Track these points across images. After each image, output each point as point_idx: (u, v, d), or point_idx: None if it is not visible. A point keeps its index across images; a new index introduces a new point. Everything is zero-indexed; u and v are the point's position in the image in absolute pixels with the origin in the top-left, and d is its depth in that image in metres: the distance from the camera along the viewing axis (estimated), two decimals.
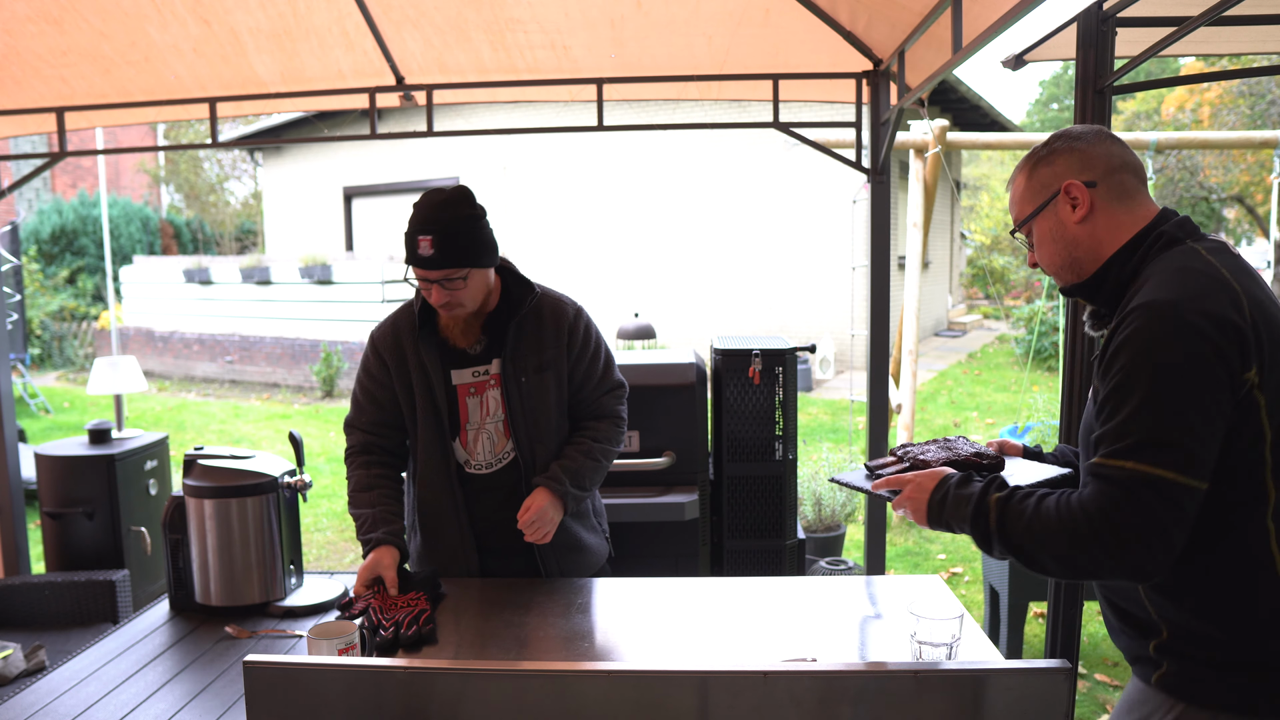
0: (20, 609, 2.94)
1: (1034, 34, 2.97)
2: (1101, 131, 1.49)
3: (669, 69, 3.55)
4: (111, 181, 19.38)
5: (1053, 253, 1.50)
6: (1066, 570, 1.32)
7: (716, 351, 3.34)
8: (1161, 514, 1.23)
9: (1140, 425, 1.25)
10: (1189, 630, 1.33)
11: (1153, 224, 1.43)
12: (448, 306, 2.01)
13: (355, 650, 1.61)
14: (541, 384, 2.13)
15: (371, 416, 2.18)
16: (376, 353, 2.15)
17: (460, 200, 1.98)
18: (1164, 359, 1.25)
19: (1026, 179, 1.51)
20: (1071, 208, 1.45)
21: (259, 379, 12.20)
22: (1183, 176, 17.00)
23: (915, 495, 1.48)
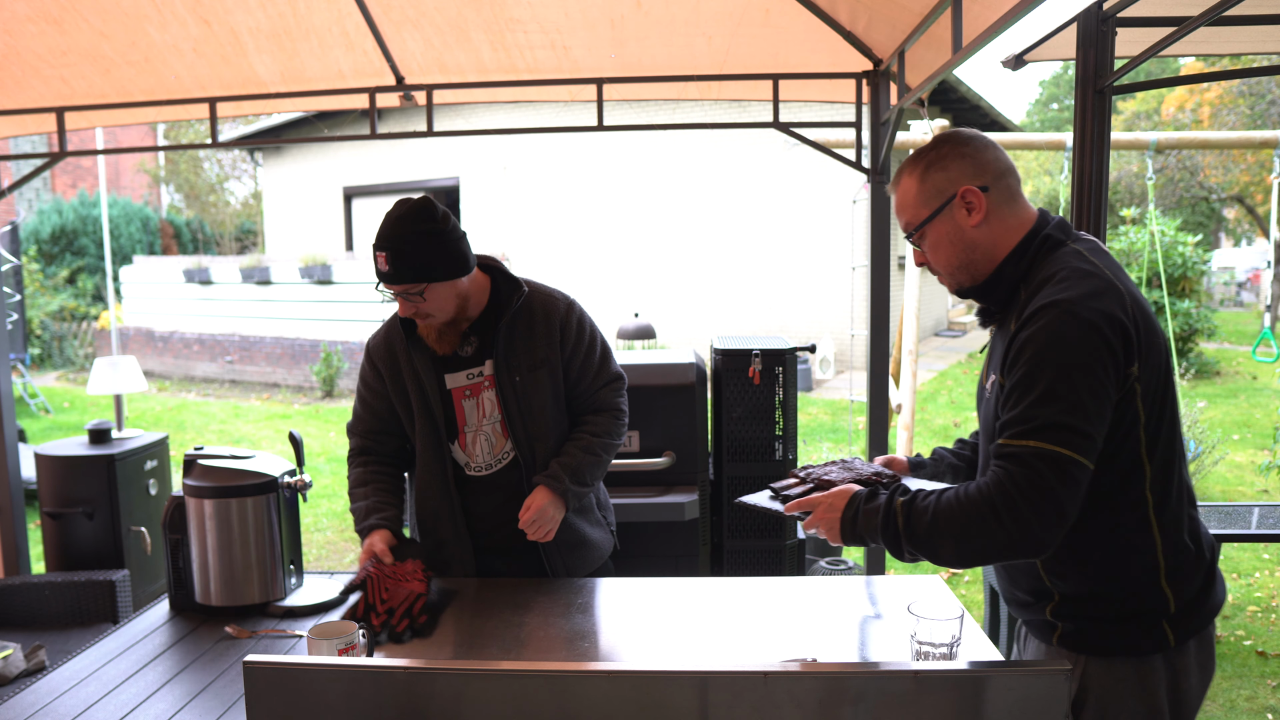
0: (20, 609, 2.94)
1: (1034, 34, 2.97)
2: (985, 137, 1.58)
3: (669, 69, 3.55)
4: (111, 181, 19.39)
5: (949, 255, 1.58)
6: (970, 553, 1.44)
7: (716, 351, 3.34)
8: (1057, 486, 1.37)
9: (1042, 410, 1.38)
10: (1080, 592, 1.50)
11: (1037, 226, 1.55)
12: (417, 316, 2.02)
13: (355, 650, 1.61)
14: (536, 381, 2.12)
15: (368, 425, 2.20)
16: (371, 362, 2.17)
17: (418, 214, 1.95)
18: (1065, 354, 1.38)
19: (919, 184, 1.57)
20: (968, 211, 1.54)
21: (259, 379, 12.20)
22: (1183, 176, 16.99)
23: (828, 515, 1.56)
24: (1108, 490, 1.45)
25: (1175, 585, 1.47)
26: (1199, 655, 1.51)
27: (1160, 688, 1.48)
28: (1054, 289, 1.43)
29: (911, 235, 1.60)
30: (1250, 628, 4.03)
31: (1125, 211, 11.72)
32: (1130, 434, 1.44)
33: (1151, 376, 1.43)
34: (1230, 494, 6.16)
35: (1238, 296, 21.59)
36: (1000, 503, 1.38)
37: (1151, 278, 10.45)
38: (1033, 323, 1.42)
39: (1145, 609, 1.48)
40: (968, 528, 1.42)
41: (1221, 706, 3.32)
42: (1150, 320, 1.44)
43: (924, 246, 1.60)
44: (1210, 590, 1.52)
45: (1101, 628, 1.49)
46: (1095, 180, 2.44)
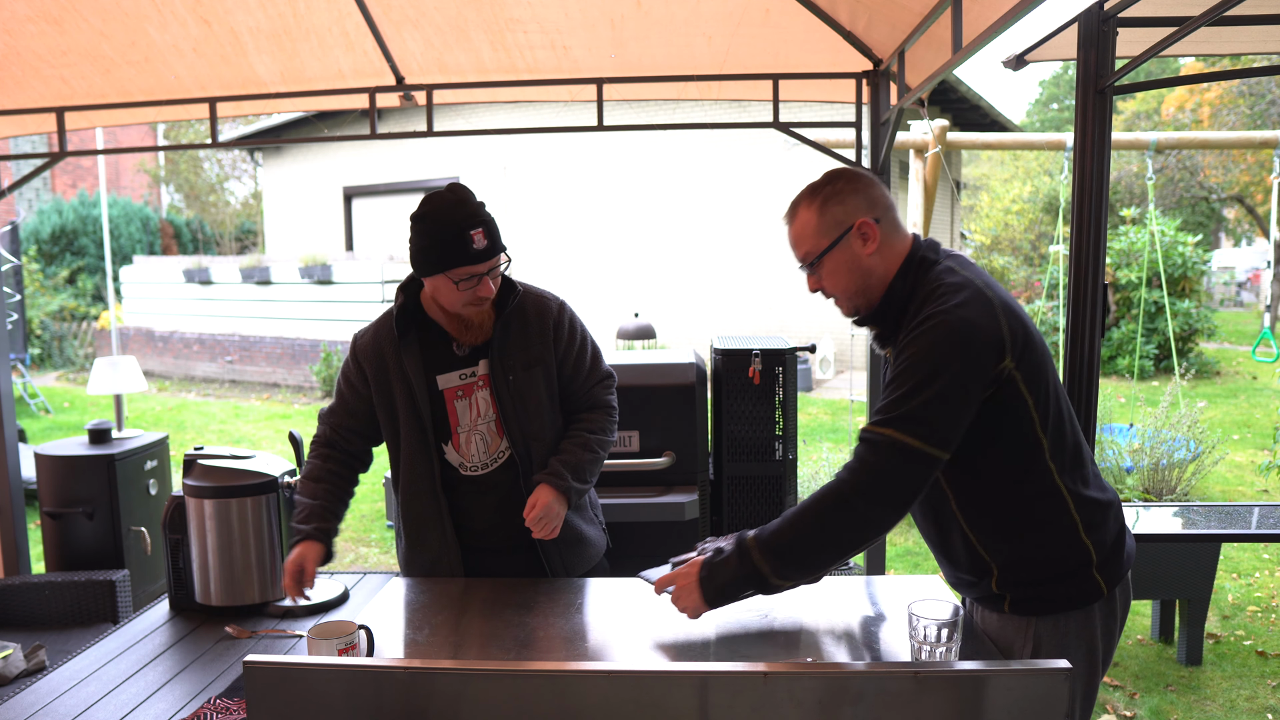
0: (20, 609, 2.94)
1: (1034, 34, 2.97)
2: (869, 174, 1.76)
3: (669, 69, 3.55)
4: (111, 181, 19.39)
5: (847, 282, 1.73)
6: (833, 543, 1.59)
7: (716, 351, 3.34)
8: (900, 472, 1.55)
9: (903, 404, 1.55)
10: (1015, 562, 1.67)
11: (913, 250, 1.72)
12: (485, 300, 2.02)
13: (355, 650, 1.61)
14: (531, 380, 2.13)
15: (341, 419, 2.18)
16: (356, 361, 2.14)
17: (470, 192, 2.02)
18: (934, 357, 1.56)
19: (818, 216, 1.71)
20: (863, 241, 1.70)
21: (259, 379, 12.20)
22: (1183, 176, 17.00)
23: (685, 583, 1.67)
24: (1015, 466, 1.64)
25: (1093, 536, 1.66)
26: (1121, 598, 1.73)
27: (1096, 631, 1.69)
28: (932, 304, 1.61)
29: (811, 265, 1.74)
30: (1250, 628, 4.03)
31: (1125, 211, 11.72)
32: (1022, 415, 1.61)
33: (1030, 364, 1.61)
34: (1230, 494, 6.16)
35: (1238, 296, 21.60)
36: (849, 484, 1.57)
37: (1151, 278, 10.46)
38: (914, 331, 1.60)
39: (1074, 564, 1.66)
40: (823, 517, 1.58)
41: (1221, 706, 3.32)
42: (1022, 317, 1.63)
43: (821, 274, 1.75)
44: (1123, 536, 1.74)
45: (1043, 590, 1.67)
46: (1095, 180, 2.44)
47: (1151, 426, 5.90)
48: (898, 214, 1.75)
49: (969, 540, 1.70)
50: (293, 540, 2.02)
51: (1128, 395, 9.01)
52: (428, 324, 2.11)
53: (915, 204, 5.63)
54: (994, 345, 1.57)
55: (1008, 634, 1.71)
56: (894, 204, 1.76)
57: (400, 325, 2.09)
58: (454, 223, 1.94)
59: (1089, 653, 1.69)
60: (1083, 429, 2.53)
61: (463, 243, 1.93)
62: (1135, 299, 10.54)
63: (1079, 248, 2.48)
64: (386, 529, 5.78)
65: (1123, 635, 3.94)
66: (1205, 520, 3.58)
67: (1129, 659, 3.72)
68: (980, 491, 1.67)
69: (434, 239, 1.96)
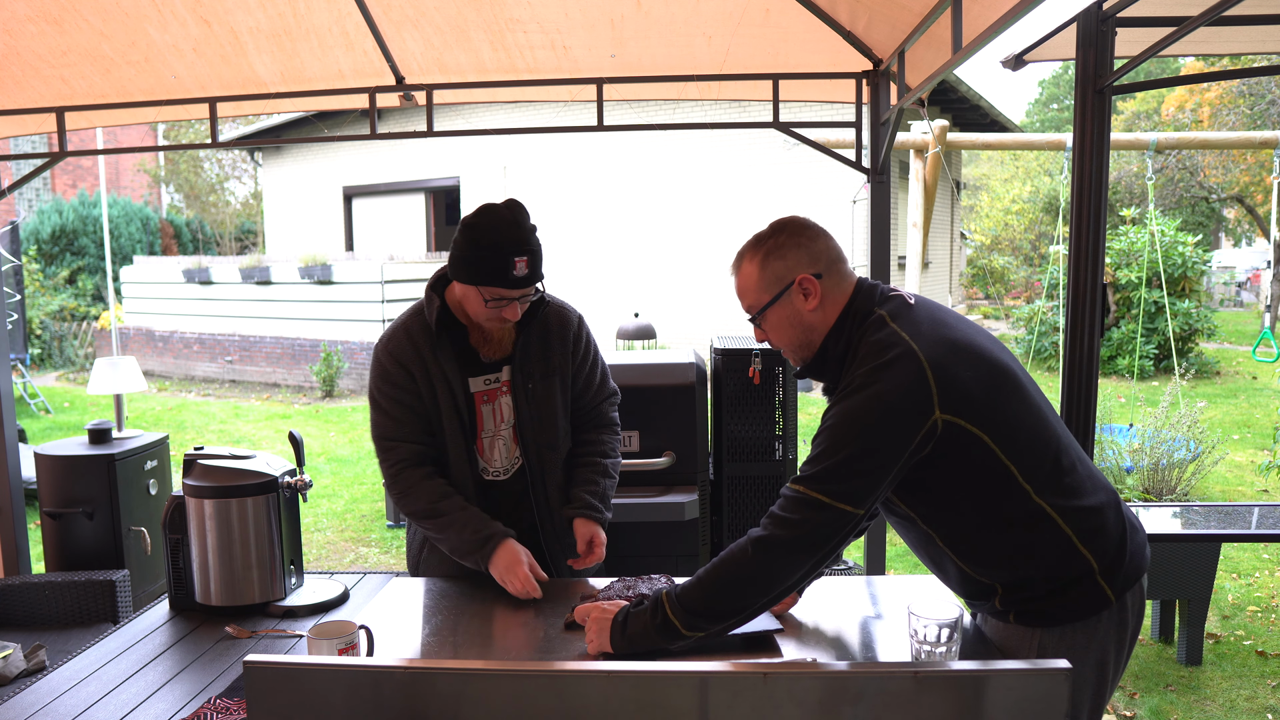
0: (20, 609, 2.94)
1: (1034, 34, 2.98)
2: (818, 226, 1.72)
3: (669, 69, 3.55)
4: (111, 181, 19.39)
5: (790, 336, 1.72)
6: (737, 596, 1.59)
7: (716, 351, 3.34)
8: (817, 523, 1.55)
9: (820, 463, 1.56)
10: (1015, 582, 1.65)
11: (850, 302, 1.69)
12: (508, 321, 2.02)
13: (355, 650, 1.61)
14: (548, 389, 2.15)
15: (414, 426, 2.09)
16: (398, 363, 2.08)
17: (526, 214, 2.00)
18: (853, 425, 1.56)
19: (760, 271, 1.69)
20: (805, 297, 1.68)
21: (259, 379, 12.20)
22: (1183, 176, 16.99)
23: (600, 622, 1.67)
24: (989, 497, 1.61)
25: (1092, 545, 1.61)
26: (1134, 604, 1.67)
27: (1109, 640, 1.65)
28: (857, 366, 1.60)
29: (754, 318, 1.73)
30: (1250, 628, 4.03)
31: (1125, 211, 11.72)
32: (979, 449, 1.57)
33: (975, 401, 1.56)
34: (1230, 494, 6.16)
35: (1238, 296, 21.60)
36: (768, 537, 1.57)
37: (1151, 278, 10.46)
38: (841, 394, 1.61)
39: (1076, 574, 1.62)
40: (741, 566, 1.58)
41: (1221, 706, 3.32)
42: (967, 356, 1.59)
43: (765, 328, 1.74)
44: (1128, 536, 1.66)
45: (1048, 604, 1.63)
46: (1095, 180, 2.44)
47: (1151, 426, 5.90)
48: (844, 264, 1.72)
49: (964, 570, 1.69)
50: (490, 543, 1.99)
51: (1128, 395, 9.01)
52: (456, 327, 2.11)
53: (915, 204, 5.63)
54: (914, 410, 1.54)
55: (1012, 643, 1.69)
56: (841, 257, 1.72)
57: (439, 325, 2.07)
58: (501, 243, 1.94)
59: (1099, 664, 1.65)
60: (1083, 429, 2.53)
61: (504, 266, 1.93)
62: (1135, 299, 10.54)
63: (1078, 248, 2.48)
64: (386, 529, 5.79)
65: None
66: (1205, 520, 3.58)
67: (1129, 659, 3.73)
68: (963, 527, 1.65)
69: (477, 252, 1.95)
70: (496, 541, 2.01)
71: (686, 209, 12.38)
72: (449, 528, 2.04)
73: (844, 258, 1.73)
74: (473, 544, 2.01)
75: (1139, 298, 10.23)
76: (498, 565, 1.99)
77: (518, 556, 1.99)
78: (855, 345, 1.65)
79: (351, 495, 6.56)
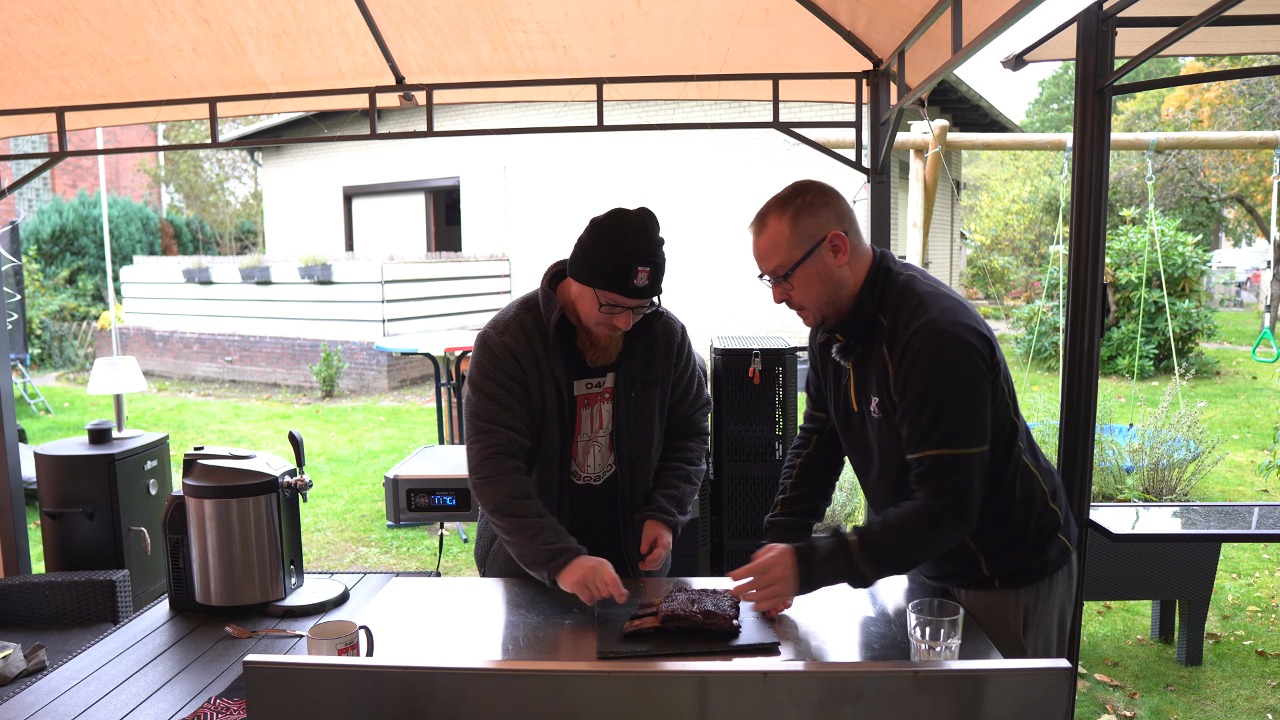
0: (20, 609, 2.94)
1: (1034, 34, 2.97)
2: (833, 187, 1.80)
3: (669, 69, 3.55)
4: (111, 181, 19.39)
5: (818, 293, 1.77)
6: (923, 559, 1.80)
7: (716, 351, 3.34)
8: (970, 480, 1.67)
9: (942, 420, 1.66)
10: (1003, 545, 1.81)
11: (878, 261, 1.79)
12: (618, 329, 2.00)
13: (355, 650, 1.61)
14: (649, 399, 2.14)
15: (521, 417, 2.02)
16: (511, 353, 2.02)
17: (657, 225, 1.96)
18: (947, 366, 1.66)
19: (791, 228, 1.74)
20: (834, 253, 1.74)
21: (259, 379, 12.20)
22: (1183, 176, 17.00)
23: (779, 573, 1.74)
24: (999, 456, 1.76)
25: (1058, 502, 1.86)
26: (1079, 559, 1.95)
27: (1069, 592, 1.88)
28: (916, 317, 1.69)
29: (784, 276, 1.76)
30: (1250, 628, 4.03)
31: (1125, 211, 11.72)
32: (1001, 405, 1.75)
33: (998, 358, 1.74)
34: (1230, 494, 6.16)
35: (1238, 296, 21.60)
36: (938, 508, 1.67)
37: (1151, 278, 10.46)
38: (913, 345, 1.67)
39: (1046, 530, 1.83)
40: (919, 534, 1.70)
41: (1221, 706, 3.32)
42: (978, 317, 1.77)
43: (793, 284, 1.77)
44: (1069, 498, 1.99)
45: (1028, 562, 1.82)
46: (1095, 180, 2.44)
47: (1151, 426, 5.90)
48: (858, 225, 1.82)
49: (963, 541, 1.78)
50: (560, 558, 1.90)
51: (1128, 395, 9.01)
52: (565, 328, 2.06)
53: (915, 204, 5.63)
54: (985, 342, 1.70)
55: (996, 609, 1.81)
56: (855, 215, 1.82)
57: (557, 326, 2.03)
58: (628, 250, 1.90)
59: (1061, 616, 1.86)
60: (1083, 429, 2.54)
61: (626, 274, 1.90)
62: (1135, 299, 10.54)
63: (1078, 248, 2.48)
64: (386, 529, 5.79)
65: (1123, 635, 3.94)
66: (1205, 520, 3.58)
67: (1129, 659, 3.72)
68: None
69: (602, 255, 1.92)
70: (570, 557, 1.91)
71: (686, 209, 12.38)
72: (523, 530, 1.95)
73: (856, 218, 1.83)
74: (544, 555, 1.92)
75: (1139, 298, 10.23)
76: (573, 575, 1.89)
77: (597, 564, 1.89)
78: (892, 300, 1.74)
79: (351, 495, 6.56)
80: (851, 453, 1.97)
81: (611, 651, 1.69)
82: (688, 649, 1.69)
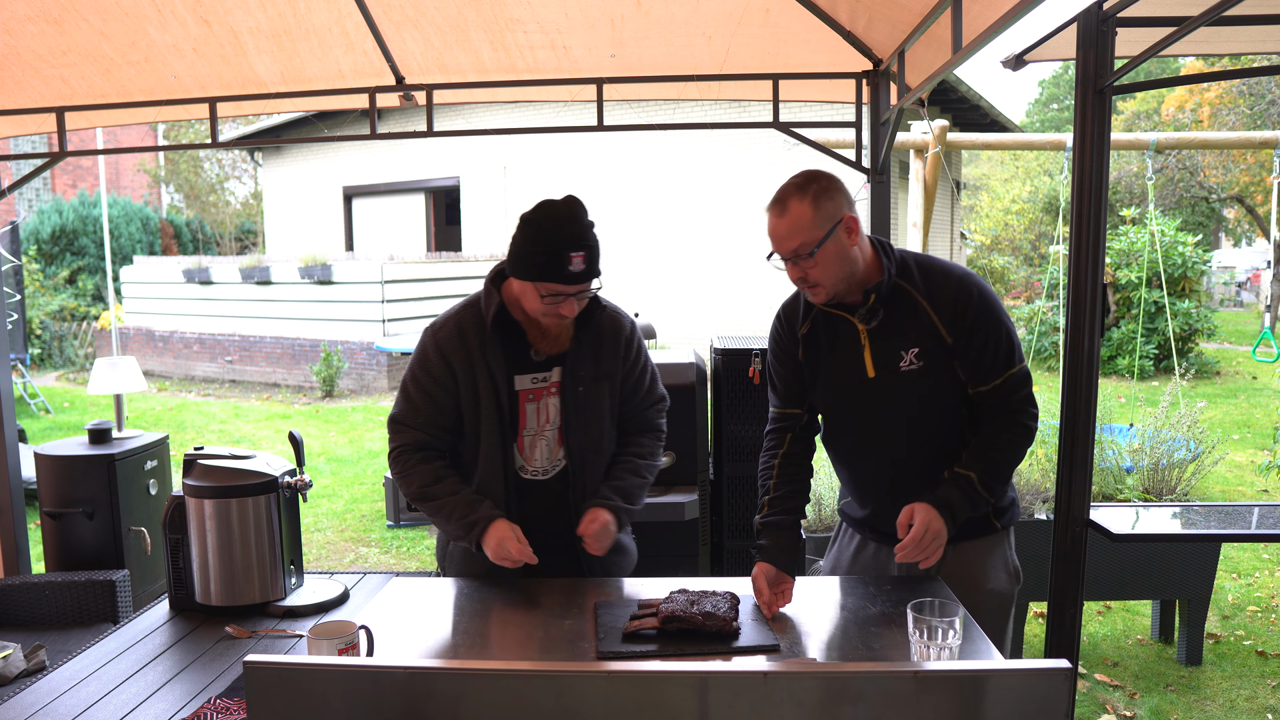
0: (20, 609, 2.94)
1: (1034, 34, 2.97)
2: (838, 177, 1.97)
3: (669, 69, 3.55)
4: (111, 181, 19.39)
5: (837, 270, 1.92)
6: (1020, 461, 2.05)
7: (716, 351, 3.34)
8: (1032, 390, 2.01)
9: (1012, 347, 1.98)
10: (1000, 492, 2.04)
11: (877, 242, 2.03)
12: (565, 318, 2.02)
13: (355, 650, 1.61)
14: (597, 393, 2.15)
15: (428, 417, 2.11)
16: (441, 353, 2.09)
17: (585, 210, 2.00)
18: (999, 306, 1.99)
19: (814, 210, 1.88)
20: (848, 234, 1.91)
21: (259, 379, 12.20)
22: (1183, 176, 17.00)
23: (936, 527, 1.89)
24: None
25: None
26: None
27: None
28: (941, 271, 2.00)
29: (808, 255, 1.89)
30: (1250, 628, 4.03)
31: (1125, 211, 11.71)
32: None
33: None
34: (1230, 494, 6.16)
35: (1238, 296, 21.60)
36: (1028, 418, 1.99)
37: (1151, 278, 10.45)
38: (966, 297, 1.95)
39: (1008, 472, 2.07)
40: (1016, 457, 1.99)
41: (1221, 706, 3.32)
42: None
43: (814, 263, 1.90)
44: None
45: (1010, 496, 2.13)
46: (1095, 180, 2.44)
47: (1151, 426, 5.89)
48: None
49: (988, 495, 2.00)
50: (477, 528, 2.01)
51: (1128, 395, 9.00)
52: (509, 324, 2.09)
53: (915, 204, 5.63)
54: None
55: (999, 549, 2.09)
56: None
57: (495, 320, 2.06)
58: (558, 239, 1.94)
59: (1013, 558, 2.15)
60: (1083, 429, 2.54)
61: (560, 261, 1.93)
62: (1135, 299, 10.53)
63: (1078, 248, 2.48)
64: (386, 529, 5.79)
65: (1123, 635, 3.94)
66: (1205, 520, 3.58)
67: (1129, 659, 3.72)
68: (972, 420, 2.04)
69: (534, 247, 1.95)
70: (484, 525, 2.01)
71: (686, 209, 12.38)
72: (439, 511, 2.06)
73: None
74: (463, 528, 2.03)
75: (1139, 298, 10.23)
76: (489, 547, 2.00)
77: (506, 532, 1.99)
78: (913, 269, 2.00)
79: (351, 495, 6.56)
80: (860, 423, 2.07)
81: (611, 652, 1.69)
82: (687, 650, 1.69)
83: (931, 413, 2.00)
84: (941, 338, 1.96)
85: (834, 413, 2.13)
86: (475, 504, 2.05)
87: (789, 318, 2.14)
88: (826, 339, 2.05)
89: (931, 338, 1.96)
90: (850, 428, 2.11)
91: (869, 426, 2.07)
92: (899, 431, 2.03)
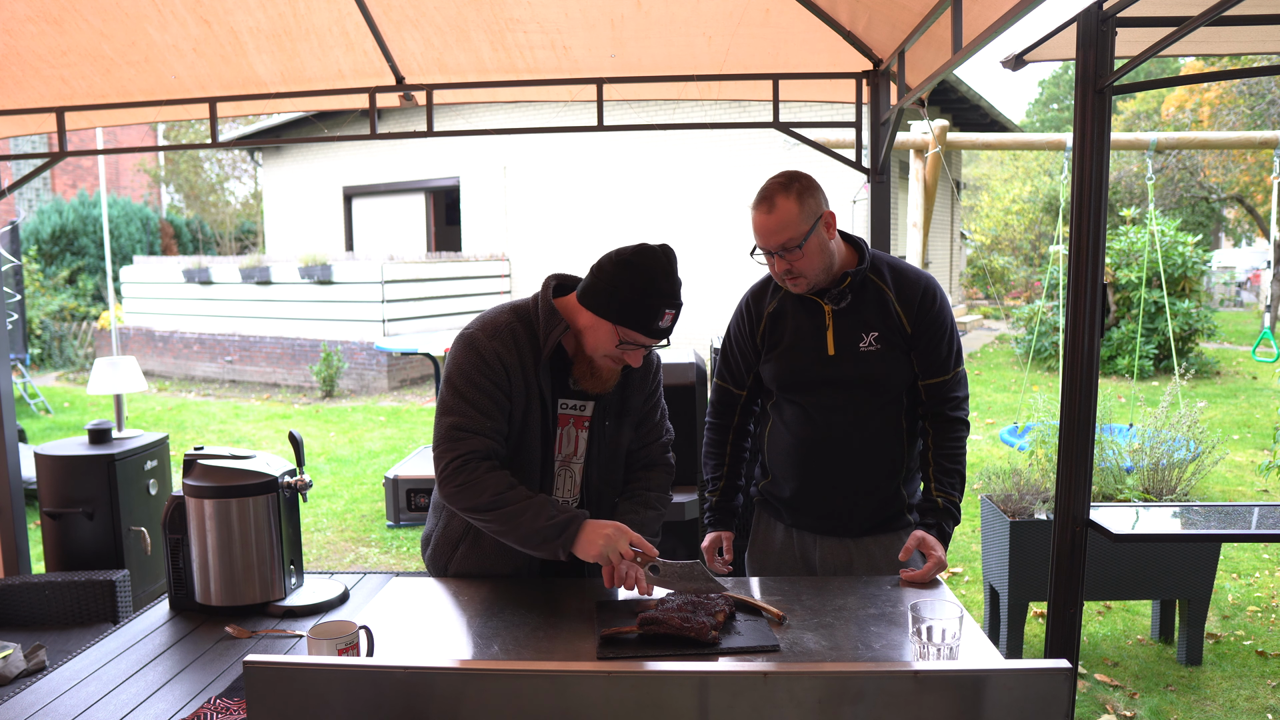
0: (20, 609, 2.94)
1: (1034, 34, 2.97)
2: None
3: (669, 69, 3.55)
4: (111, 181, 19.39)
5: (819, 261, 2.09)
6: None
7: (716, 351, 3.34)
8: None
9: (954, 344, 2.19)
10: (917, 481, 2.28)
11: (850, 237, 2.21)
12: (625, 364, 1.99)
13: (355, 650, 1.61)
14: (621, 429, 2.12)
15: (496, 424, 1.95)
16: (501, 362, 1.95)
17: (677, 266, 1.95)
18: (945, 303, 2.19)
19: (800, 206, 2.04)
20: (827, 228, 2.09)
21: (259, 379, 12.20)
22: (1183, 176, 17.00)
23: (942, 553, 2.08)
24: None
25: None
26: None
27: None
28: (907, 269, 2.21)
29: (796, 248, 2.04)
30: (1250, 628, 4.03)
31: (1125, 211, 11.71)
32: None
33: None
34: (1230, 494, 6.16)
35: (1238, 296, 21.60)
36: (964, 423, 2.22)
37: (1151, 278, 10.45)
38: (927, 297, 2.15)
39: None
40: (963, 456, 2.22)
41: (1221, 706, 3.32)
42: None
43: (800, 255, 2.06)
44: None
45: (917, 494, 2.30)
46: (1095, 180, 2.44)
47: (1151, 426, 5.89)
48: None
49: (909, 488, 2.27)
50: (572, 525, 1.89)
51: (1128, 395, 9.01)
52: (558, 349, 2.02)
53: (915, 204, 5.63)
54: None
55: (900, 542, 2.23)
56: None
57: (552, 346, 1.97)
58: (655, 292, 1.88)
59: None
60: (1083, 429, 2.54)
61: (653, 315, 1.88)
62: (1135, 299, 10.53)
63: (1078, 248, 2.48)
64: (386, 529, 5.79)
65: (1123, 635, 3.94)
66: (1205, 520, 3.58)
67: (1129, 659, 3.72)
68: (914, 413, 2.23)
69: (630, 294, 1.88)
70: (579, 523, 1.89)
71: (686, 209, 12.38)
72: (522, 514, 1.89)
73: None
74: (554, 529, 1.88)
75: (1139, 298, 10.23)
76: (593, 547, 1.87)
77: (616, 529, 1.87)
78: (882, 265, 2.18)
79: (351, 495, 6.56)
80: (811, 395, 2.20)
81: (612, 652, 1.69)
82: (669, 653, 1.68)
83: (879, 393, 2.16)
84: (903, 328, 2.14)
85: (787, 384, 2.23)
86: (560, 504, 1.94)
87: (756, 299, 2.29)
88: (792, 317, 2.20)
89: (893, 327, 2.14)
90: (800, 399, 2.22)
91: (819, 400, 2.20)
92: (847, 407, 2.18)
